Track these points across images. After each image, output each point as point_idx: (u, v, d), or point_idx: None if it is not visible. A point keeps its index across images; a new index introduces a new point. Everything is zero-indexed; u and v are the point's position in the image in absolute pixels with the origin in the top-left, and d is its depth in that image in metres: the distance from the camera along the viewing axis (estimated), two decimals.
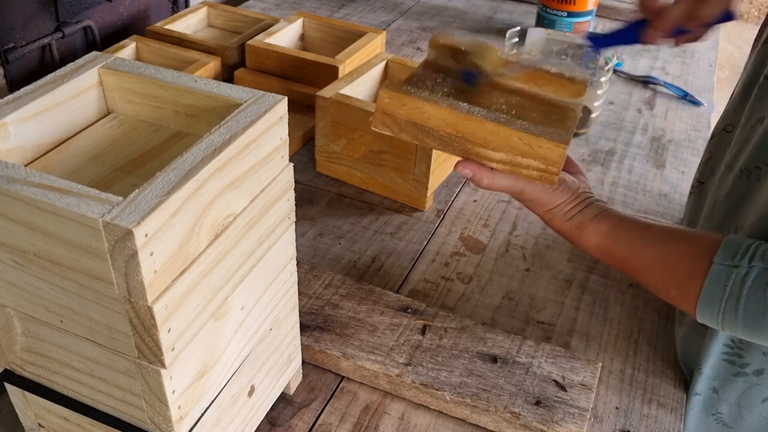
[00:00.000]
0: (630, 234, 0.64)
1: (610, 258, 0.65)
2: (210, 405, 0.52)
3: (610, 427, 0.67)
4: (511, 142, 0.62)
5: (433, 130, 0.64)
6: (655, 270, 0.62)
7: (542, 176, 0.62)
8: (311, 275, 0.78)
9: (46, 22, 1.08)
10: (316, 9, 1.50)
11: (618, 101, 1.23)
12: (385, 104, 0.64)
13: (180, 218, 0.42)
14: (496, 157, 0.63)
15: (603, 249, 0.65)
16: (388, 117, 0.65)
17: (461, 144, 0.64)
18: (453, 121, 0.63)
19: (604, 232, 0.64)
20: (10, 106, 0.50)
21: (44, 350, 0.50)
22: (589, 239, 0.65)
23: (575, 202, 0.66)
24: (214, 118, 0.53)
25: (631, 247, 0.64)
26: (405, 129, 0.65)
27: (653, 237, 0.63)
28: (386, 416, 0.67)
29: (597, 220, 0.65)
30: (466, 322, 0.74)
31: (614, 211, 0.66)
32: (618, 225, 0.65)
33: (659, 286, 0.62)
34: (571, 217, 0.66)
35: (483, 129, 0.62)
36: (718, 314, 0.57)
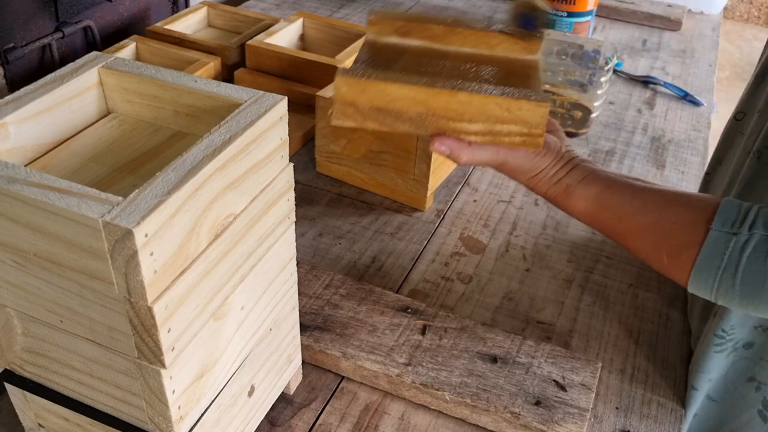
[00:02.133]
0: (620, 199, 0.61)
1: (598, 223, 0.63)
2: (210, 405, 0.52)
3: (610, 427, 0.67)
4: (488, 110, 0.58)
5: (402, 112, 0.59)
6: (646, 237, 0.59)
7: (526, 141, 0.59)
8: (311, 275, 0.78)
9: (46, 22, 1.08)
10: (316, 9, 1.50)
11: (618, 101, 1.23)
12: (344, 93, 0.59)
13: (180, 218, 0.42)
14: (474, 129, 0.59)
15: (591, 214, 0.62)
16: (349, 107, 0.60)
17: (434, 121, 0.60)
18: (422, 98, 0.58)
19: (593, 196, 0.62)
20: (10, 106, 0.50)
21: (44, 350, 0.50)
22: (576, 204, 0.63)
23: (560, 164, 0.63)
24: (214, 118, 0.53)
25: (620, 213, 0.60)
26: (370, 116, 0.60)
27: (644, 202, 0.60)
28: (386, 416, 0.67)
29: (584, 183, 0.62)
30: (466, 322, 0.74)
31: (602, 173, 0.63)
32: (607, 188, 0.61)
33: (649, 253, 0.60)
34: (558, 181, 0.63)
35: (455, 101, 0.58)
36: (714, 284, 0.54)
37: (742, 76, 3.48)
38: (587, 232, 0.92)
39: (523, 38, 0.67)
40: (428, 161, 0.89)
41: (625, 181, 0.62)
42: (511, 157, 0.62)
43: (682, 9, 1.53)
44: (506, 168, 0.63)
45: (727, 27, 4.02)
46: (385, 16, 0.70)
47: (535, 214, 0.95)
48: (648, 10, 1.51)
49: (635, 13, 1.51)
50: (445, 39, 0.70)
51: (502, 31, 0.68)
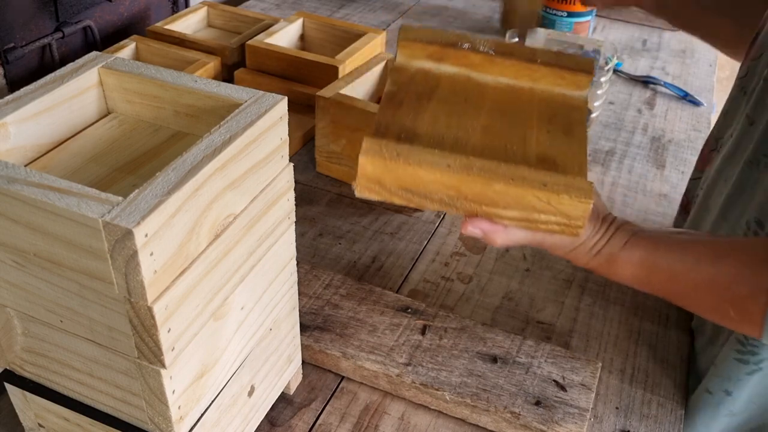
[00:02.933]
0: (668, 258, 0.57)
1: (651, 287, 0.60)
2: (210, 405, 0.52)
3: (610, 427, 0.67)
4: (526, 201, 0.54)
5: (431, 193, 0.54)
6: (706, 294, 0.56)
7: (564, 230, 0.55)
8: (311, 275, 0.78)
9: (46, 22, 1.08)
10: (316, 9, 1.50)
11: (618, 101, 1.23)
12: (370, 173, 0.54)
13: (180, 218, 0.42)
14: (509, 215, 0.55)
15: (641, 280, 0.59)
16: (374, 183, 0.55)
17: (467, 205, 0.55)
18: (453, 184, 0.54)
19: (639, 261, 0.58)
20: (10, 106, 0.49)
21: (44, 350, 0.50)
22: (623, 272, 0.59)
23: (599, 234, 0.59)
24: (214, 118, 0.53)
25: (672, 273, 0.57)
26: (396, 194, 0.55)
27: (696, 257, 0.56)
28: (386, 416, 0.67)
29: (628, 249, 0.58)
30: (466, 322, 0.74)
31: (643, 233, 0.59)
32: (652, 250, 0.58)
33: (714, 310, 0.57)
34: (599, 251, 0.59)
35: (490, 190, 0.54)
36: None
37: None
38: None
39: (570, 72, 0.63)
40: None
41: (669, 236, 0.59)
42: (549, 236, 0.58)
43: None
44: (544, 246, 0.60)
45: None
46: (417, 38, 0.65)
47: None
48: None
49: (635, 13, 1.51)
50: (483, 67, 0.65)
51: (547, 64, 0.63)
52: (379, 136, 0.56)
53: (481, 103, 0.62)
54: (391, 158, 0.53)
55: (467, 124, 0.59)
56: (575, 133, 0.59)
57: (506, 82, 0.64)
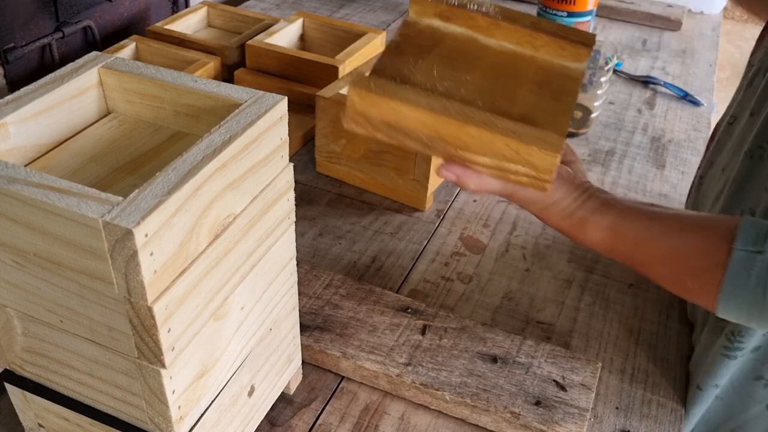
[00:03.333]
0: (636, 226, 0.59)
1: (616, 253, 0.61)
2: (210, 405, 0.52)
3: (610, 427, 0.67)
4: (496, 148, 0.56)
5: (411, 131, 0.57)
6: (667, 264, 0.58)
7: (533, 183, 0.56)
8: (311, 275, 0.78)
9: (46, 22, 1.08)
10: (316, 9, 1.50)
11: (618, 101, 1.23)
12: (355, 103, 0.57)
13: (180, 218, 0.42)
14: (481, 161, 0.57)
15: (607, 245, 0.61)
16: (360, 117, 0.58)
17: (443, 146, 0.57)
18: (431, 124, 0.56)
19: (607, 226, 0.60)
20: (10, 106, 0.50)
21: (44, 350, 0.50)
22: (591, 236, 0.61)
23: (572, 196, 0.61)
24: (214, 118, 0.53)
25: (637, 241, 0.59)
26: (380, 129, 0.58)
27: (661, 228, 0.58)
28: (386, 416, 0.67)
29: (598, 214, 0.60)
30: (466, 322, 0.74)
31: (616, 201, 0.61)
32: (621, 216, 0.60)
33: (672, 280, 0.59)
34: (570, 213, 0.61)
35: (464, 133, 0.56)
36: (747, 307, 0.53)
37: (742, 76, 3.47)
38: None
39: (571, 43, 0.64)
40: (428, 161, 0.88)
41: (640, 207, 0.61)
42: (521, 189, 0.60)
43: (682, 9, 1.53)
44: (515, 198, 0.61)
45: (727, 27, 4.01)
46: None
47: None
48: (648, 10, 1.51)
49: (635, 13, 1.51)
50: (489, 31, 0.66)
51: (550, 33, 0.65)
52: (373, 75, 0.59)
53: (478, 63, 0.64)
54: (377, 93, 0.56)
55: (460, 78, 0.61)
56: (564, 100, 0.61)
57: (508, 47, 0.65)
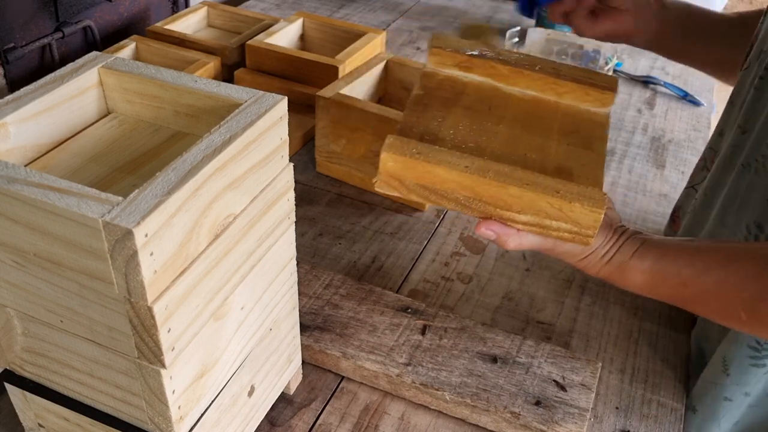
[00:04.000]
0: (678, 264, 0.58)
1: (662, 294, 0.60)
2: (210, 405, 0.52)
3: (610, 427, 0.67)
4: (538, 206, 0.55)
5: (448, 192, 0.57)
6: (716, 298, 0.57)
7: (575, 238, 0.56)
8: (311, 275, 0.78)
9: (46, 22, 1.08)
10: (316, 9, 1.50)
11: (618, 101, 1.23)
12: (390, 168, 0.57)
13: (180, 218, 0.42)
14: (522, 220, 0.57)
15: (651, 287, 0.60)
16: (393, 179, 0.57)
17: (481, 207, 0.57)
18: (470, 185, 0.56)
19: (649, 268, 0.58)
20: (10, 106, 0.49)
21: (44, 350, 0.50)
22: (633, 279, 0.60)
23: (610, 243, 0.60)
24: (214, 118, 0.53)
25: (682, 279, 0.58)
26: (414, 191, 0.57)
27: (705, 262, 0.57)
28: (386, 416, 0.67)
29: (638, 257, 0.59)
30: (466, 322, 0.74)
31: (653, 241, 0.60)
32: (662, 256, 0.58)
33: (724, 313, 0.58)
34: (609, 260, 0.60)
35: (505, 193, 0.55)
36: None
37: None
38: None
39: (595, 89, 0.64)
40: None
41: (679, 243, 0.60)
42: (560, 243, 0.59)
43: None
44: (554, 252, 0.61)
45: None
46: (447, 45, 0.66)
47: None
48: None
49: None
50: (511, 79, 0.66)
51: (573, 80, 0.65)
52: (402, 135, 0.58)
53: (504, 112, 0.64)
54: (411, 156, 0.56)
55: (489, 131, 0.61)
56: (595, 147, 0.61)
57: (531, 95, 0.65)
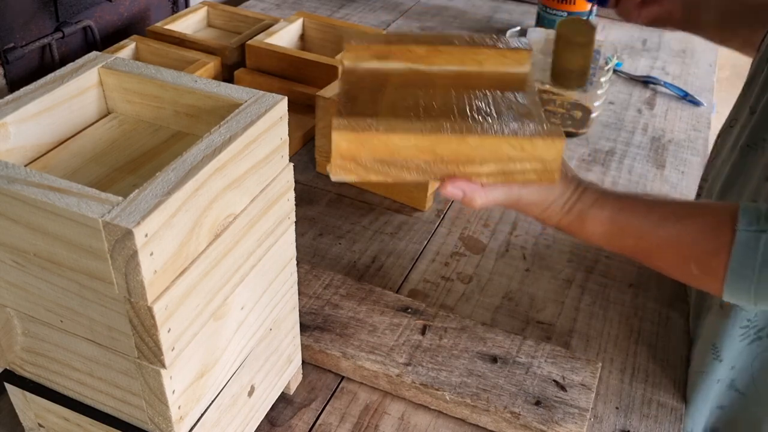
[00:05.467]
0: (636, 217, 0.60)
1: (618, 245, 0.62)
2: (210, 405, 0.52)
3: (610, 427, 0.67)
4: (500, 151, 0.55)
5: (407, 161, 0.55)
6: (670, 251, 0.58)
7: (541, 177, 0.56)
8: (311, 275, 0.78)
9: (46, 22, 1.08)
10: (316, 9, 1.50)
11: (618, 101, 1.23)
12: (343, 149, 0.54)
13: (180, 218, 0.42)
14: (486, 171, 0.56)
15: (609, 237, 0.61)
16: (349, 162, 0.55)
17: (443, 168, 0.56)
18: (428, 146, 0.54)
19: (607, 218, 0.60)
20: (10, 106, 0.50)
21: (44, 350, 0.50)
22: (592, 229, 0.61)
23: (569, 192, 0.61)
24: (214, 118, 0.53)
25: (639, 232, 0.59)
26: (373, 169, 0.56)
27: (662, 215, 0.59)
28: (386, 416, 0.67)
29: (598, 207, 0.60)
30: (466, 322, 0.74)
31: (611, 193, 0.62)
32: (621, 208, 0.60)
33: (677, 267, 0.59)
34: (569, 209, 0.61)
35: (465, 146, 0.55)
36: (752, 284, 0.53)
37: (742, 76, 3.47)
38: None
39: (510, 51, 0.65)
40: None
41: (637, 197, 0.61)
42: (525, 192, 0.60)
43: None
44: (520, 205, 0.62)
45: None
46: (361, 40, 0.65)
47: None
48: None
49: None
50: (429, 59, 0.66)
51: (487, 46, 0.65)
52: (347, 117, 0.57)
53: (433, 88, 0.63)
54: (363, 129, 0.54)
55: (426, 101, 0.61)
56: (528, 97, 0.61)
57: (454, 69, 0.65)
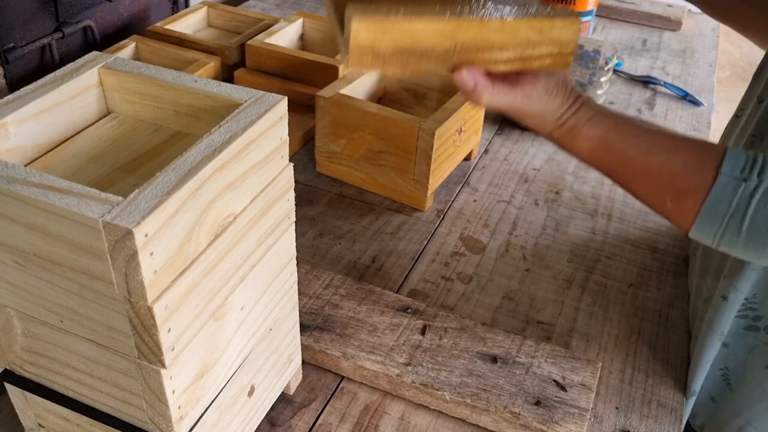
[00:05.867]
0: (626, 140, 0.59)
1: (602, 166, 0.62)
2: (210, 405, 0.52)
3: (610, 427, 0.67)
4: (520, 35, 0.56)
5: (428, 49, 0.55)
6: (651, 181, 0.58)
7: (556, 61, 0.58)
8: (311, 275, 0.78)
9: (46, 22, 1.08)
10: (316, 9, 1.50)
11: (618, 101, 1.23)
12: (362, 39, 0.52)
13: (180, 218, 0.42)
14: (504, 57, 0.57)
15: (595, 156, 0.61)
16: (367, 53, 0.54)
17: (462, 56, 0.56)
18: (450, 32, 0.54)
19: (599, 137, 0.60)
20: (10, 106, 0.50)
21: (44, 350, 0.50)
22: (581, 145, 0.61)
23: (568, 103, 0.61)
24: (214, 118, 0.53)
25: (625, 156, 0.59)
26: (391, 59, 0.54)
27: (651, 145, 0.58)
28: (386, 416, 0.67)
29: (591, 124, 0.60)
30: (466, 322, 0.74)
31: (609, 112, 0.61)
32: (613, 129, 0.60)
33: (653, 198, 0.59)
34: (564, 123, 0.61)
35: (487, 29, 0.55)
36: (719, 229, 0.54)
37: (742, 76, 3.48)
38: (587, 232, 0.92)
39: None
40: (428, 161, 0.88)
41: (633, 122, 0.61)
42: (527, 101, 0.60)
43: (682, 9, 1.53)
44: (520, 112, 0.62)
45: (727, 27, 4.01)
46: None
47: (535, 214, 0.95)
48: (648, 10, 1.51)
49: (635, 13, 1.51)
50: None
51: None
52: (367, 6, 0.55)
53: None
54: (384, 17, 0.52)
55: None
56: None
57: None
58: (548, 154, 1.07)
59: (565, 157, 1.07)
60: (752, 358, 0.68)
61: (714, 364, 0.71)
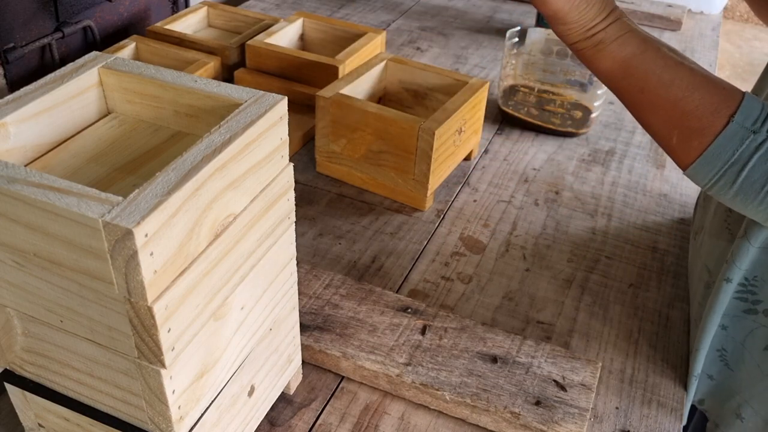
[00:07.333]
0: (649, 68, 0.58)
1: (619, 88, 0.61)
2: (210, 405, 0.52)
3: (610, 427, 0.67)
4: None
5: None
6: (663, 114, 0.58)
7: None
8: (311, 275, 0.78)
9: (46, 22, 1.08)
10: (316, 9, 1.50)
11: (618, 101, 1.22)
12: None
13: (180, 218, 0.42)
14: None
15: (614, 77, 0.60)
16: None
17: None
18: None
19: (622, 59, 0.59)
20: (10, 106, 0.50)
21: (44, 350, 0.50)
22: (602, 63, 0.60)
23: (602, 16, 0.59)
24: (214, 118, 0.53)
25: (644, 83, 0.58)
26: None
27: (672, 78, 0.57)
28: (386, 416, 0.67)
29: (618, 43, 0.59)
30: (466, 322, 0.74)
31: (639, 34, 0.60)
32: (640, 53, 0.59)
33: (660, 130, 0.59)
34: (592, 35, 0.60)
35: None
36: (715, 176, 0.55)
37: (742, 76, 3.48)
38: (587, 232, 0.92)
39: None
40: (428, 161, 0.88)
41: (660, 50, 0.59)
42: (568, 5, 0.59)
43: (682, 9, 1.53)
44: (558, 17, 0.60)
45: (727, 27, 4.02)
46: None
47: (535, 214, 0.95)
48: (648, 10, 1.51)
49: (635, 13, 1.51)
50: None
51: None
52: None
53: None
54: None
55: None
56: None
57: None
58: (548, 154, 1.07)
59: (565, 156, 1.07)
60: (750, 340, 0.69)
61: (712, 345, 0.71)
